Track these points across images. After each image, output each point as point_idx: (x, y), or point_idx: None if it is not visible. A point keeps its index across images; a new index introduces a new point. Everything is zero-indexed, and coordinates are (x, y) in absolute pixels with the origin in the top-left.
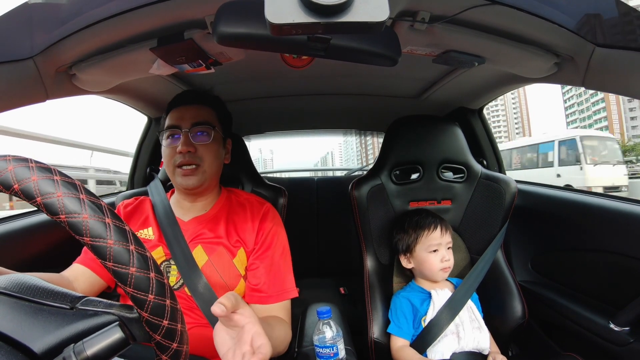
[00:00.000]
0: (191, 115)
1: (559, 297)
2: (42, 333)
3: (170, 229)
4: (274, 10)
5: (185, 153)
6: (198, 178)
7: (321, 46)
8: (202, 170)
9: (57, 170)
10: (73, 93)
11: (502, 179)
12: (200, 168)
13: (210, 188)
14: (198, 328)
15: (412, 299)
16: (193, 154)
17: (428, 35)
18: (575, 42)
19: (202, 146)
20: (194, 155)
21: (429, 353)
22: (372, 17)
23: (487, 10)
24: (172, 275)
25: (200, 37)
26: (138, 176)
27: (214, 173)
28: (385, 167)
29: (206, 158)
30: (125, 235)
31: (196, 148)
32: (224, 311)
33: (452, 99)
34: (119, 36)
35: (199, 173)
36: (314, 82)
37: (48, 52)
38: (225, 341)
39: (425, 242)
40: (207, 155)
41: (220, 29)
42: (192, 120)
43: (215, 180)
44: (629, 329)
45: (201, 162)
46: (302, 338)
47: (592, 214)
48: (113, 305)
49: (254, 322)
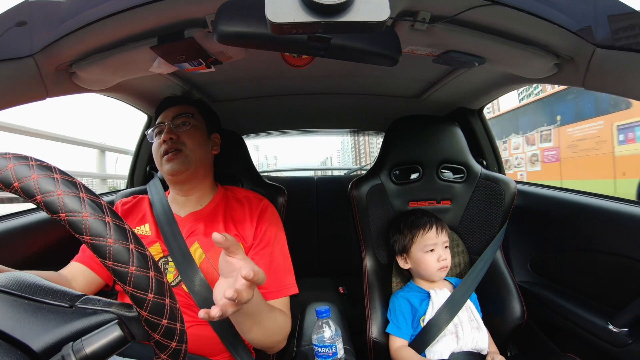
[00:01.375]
0: (173, 112)
1: (558, 297)
2: (41, 331)
3: (167, 226)
4: (274, 9)
5: (167, 140)
6: (181, 161)
7: (321, 45)
8: (185, 154)
9: (57, 168)
10: (73, 91)
11: (502, 179)
12: (182, 152)
13: (198, 178)
14: (196, 327)
15: (410, 298)
16: (175, 140)
17: (428, 35)
18: (576, 42)
19: (184, 133)
20: (176, 141)
21: (427, 353)
22: (372, 17)
23: (487, 11)
24: (169, 272)
25: (201, 36)
26: (138, 175)
27: (199, 160)
28: (385, 167)
29: (188, 143)
30: (125, 234)
31: (178, 135)
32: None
33: (452, 99)
34: (119, 34)
35: (181, 156)
36: (314, 82)
37: (48, 50)
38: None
39: (421, 242)
40: (189, 141)
41: (221, 27)
42: (174, 114)
43: (202, 170)
44: (627, 330)
45: (184, 147)
46: (301, 337)
47: (592, 215)
48: (112, 303)
49: (249, 263)
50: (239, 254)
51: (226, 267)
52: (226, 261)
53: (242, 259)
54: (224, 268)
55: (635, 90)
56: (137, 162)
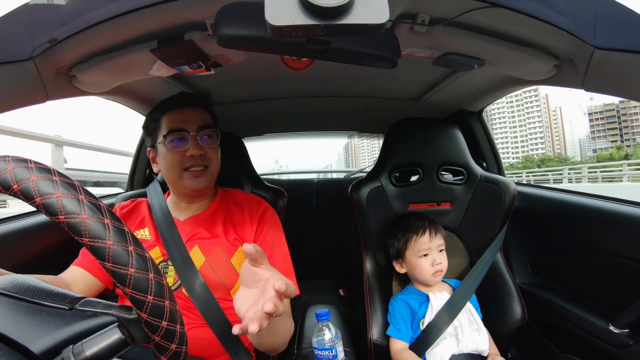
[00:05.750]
0: (195, 119)
1: (558, 299)
2: (41, 334)
3: (167, 230)
4: (274, 12)
5: (197, 156)
6: (207, 179)
7: (321, 48)
8: (210, 172)
9: (56, 170)
10: (73, 94)
11: (502, 181)
12: (208, 170)
13: (211, 188)
14: (196, 329)
15: (410, 301)
16: (203, 156)
17: (428, 38)
18: (575, 44)
19: (210, 149)
20: (204, 157)
21: (428, 356)
22: (372, 20)
23: (486, 13)
24: (169, 276)
25: (201, 39)
26: (137, 177)
27: (217, 174)
28: (385, 169)
29: (214, 160)
30: (124, 236)
31: (205, 151)
32: (254, 249)
33: (452, 101)
34: (119, 37)
35: (207, 174)
36: (314, 84)
37: (48, 53)
38: (247, 300)
39: (415, 247)
40: (214, 157)
41: (221, 30)
42: (198, 123)
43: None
44: (628, 331)
45: (209, 164)
46: (301, 340)
47: (592, 216)
48: (112, 306)
49: (277, 274)
50: (264, 263)
51: (251, 278)
52: (251, 271)
53: (267, 268)
54: (248, 278)
55: (634, 92)
56: (137, 165)
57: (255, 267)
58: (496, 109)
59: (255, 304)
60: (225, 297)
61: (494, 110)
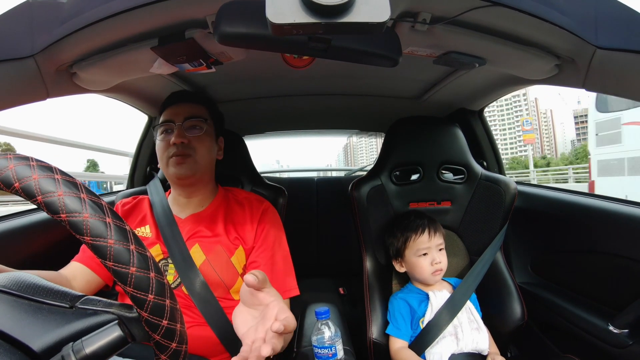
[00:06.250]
0: (184, 111)
1: (558, 298)
2: (41, 331)
3: (168, 228)
4: (275, 10)
5: (178, 144)
6: (189, 166)
7: (322, 46)
8: (194, 160)
9: (58, 169)
10: (73, 91)
11: (502, 180)
12: (192, 158)
13: (204, 182)
14: (195, 327)
15: (409, 300)
16: (186, 145)
17: (429, 37)
18: (576, 43)
19: (195, 138)
20: (187, 146)
21: (427, 355)
22: (373, 18)
23: (488, 12)
24: (169, 274)
25: (201, 37)
26: (138, 175)
27: (206, 166)
28: (385, 168)
29: (198, 149)
30: (125, 234)
31: (189, 140)
32: (256, 280)
33: (453, 100)
34: (119, 35)
35: (190, 162)
36: (315, 83)
37: (49, 50)
38: (246, 321)
39: (414, 247)
40: (199, 147)
41: (222, 28)
42: (185, 115)
43: (208, 175)
44: (628, 331)
45: (193, 153)
46: (301, 338)
47: (592, 216)
48: (112, 304)
49: (278, 300)
50: (267, 286)
51: (249, 299)
52: (251, 293)
53: (268, 292)
54: (247, 299)
55: (635, 92)
56: (137, 162)
57: (258, 293)
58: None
59: (255, 328)
60: (224, 295)
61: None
